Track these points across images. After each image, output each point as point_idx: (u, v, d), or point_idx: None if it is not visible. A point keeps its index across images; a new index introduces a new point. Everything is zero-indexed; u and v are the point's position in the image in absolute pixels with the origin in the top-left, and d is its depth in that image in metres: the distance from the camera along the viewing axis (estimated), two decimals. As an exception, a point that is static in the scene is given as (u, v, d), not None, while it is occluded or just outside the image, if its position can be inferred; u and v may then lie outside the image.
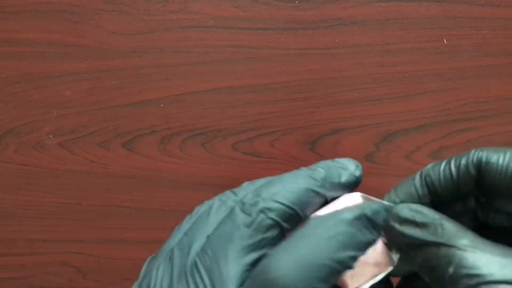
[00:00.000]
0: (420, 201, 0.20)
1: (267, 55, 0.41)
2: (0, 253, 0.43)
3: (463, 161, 0.20)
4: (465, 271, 0.16)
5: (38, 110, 0.42)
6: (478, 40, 0.41)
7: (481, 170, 0.20)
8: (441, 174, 0.20)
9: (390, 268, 0.21)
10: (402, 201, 0.21)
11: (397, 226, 0.19)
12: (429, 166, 0.21)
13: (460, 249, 0.17)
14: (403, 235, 0.18)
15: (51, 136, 0.42)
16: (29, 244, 0.43)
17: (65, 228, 0.43)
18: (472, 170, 0.20)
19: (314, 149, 0.42)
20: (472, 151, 0.20)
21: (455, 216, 0.20)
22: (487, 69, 0.41)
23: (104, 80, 0.41)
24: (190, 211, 0.25)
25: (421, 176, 0.21)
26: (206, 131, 0.42)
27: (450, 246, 0.17)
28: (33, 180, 0.42)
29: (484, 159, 0.19)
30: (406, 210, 0.19)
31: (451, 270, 0.17)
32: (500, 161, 0.19)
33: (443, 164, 0.20)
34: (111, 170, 0.42)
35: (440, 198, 0.20)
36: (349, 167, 0.21)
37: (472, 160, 0.20)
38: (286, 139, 0.42)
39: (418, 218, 0.18)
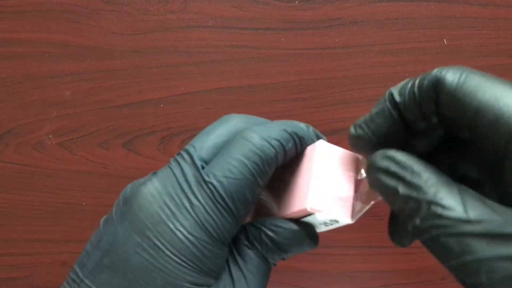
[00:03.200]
0: (394, 121, 0.20)
1: (267, 55, 0.41)
2: (0, 253, 0.43)
3: (425, 82, 0.19)
4: (429, 223, 0.17)
5: (38, 110, 0.42)
6: (478, 40, 0.41)
7: (437, 90, 0.19)
8: (406, 96, 0.20)
9: (379, 198, 0.21)
10: (376, 129, 0.21)
11: (375, 175, 0.19)
12: (397, 86, 0.21)
13: (428, 202, 0.17)
14: (380, 184, 0.19)
15: (51, 136, 0.42)
16: (29, 244, 0.43)
17: (65, 228, 0.43)
18: (431, 91, 0.19)
19: (314, 149, 0.42)
20: (434, 70, 0.19)
21: (423, 135, 0.21)
22: (487, 69, 0.41)
23: (104, 80, 0.41)
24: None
25: (390, 100, 0.21)
26: (206, 131, 0.42)
27: (418, 199, 0.17)
28: (33, 180, 0.42)
29: (440, 79, 0.19)
30: (381, 159, 0.19)
31: (417, 221, 0.17)
32: (455, 80, 0.19)
33: (409, 85, 0.20)
34: (111, 170, 0.42)
35: (409, 119, 0.20)
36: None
37: (430, 80, 0.19)
38: (286, 139, 0.42)
39: (393, 168, 0.19)
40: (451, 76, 0.19)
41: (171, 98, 0.41)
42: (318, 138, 0.24)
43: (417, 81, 0.19)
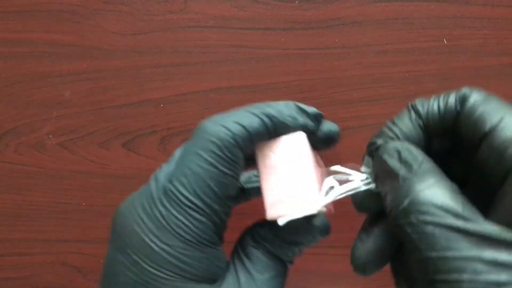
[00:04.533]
0: (417, 136, 0.22)
1: (267, 55, 0.41)
2: (0, 253, 0.43)
3: (452, 96, 0.21)
4: (417, 207, 0.17)
5: (38, 110, 0.42)
6: (478, 40, 0.41)
7: (461, 107, 0.20)
8: (429, 106, 0.22)
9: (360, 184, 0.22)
10: (398, 131, 0.22)
11: (384, 155, 0.20)
12: (419, 100, 0.22)
13: (421, 188, 0.18)
14: (384, 162, 0.20)
15: (51, 136, 0.42)
16: (29, 244, 0.43)
17: (65, 228, 0.43)
18: (456, 105, 0.21)
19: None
20: (464, 88, 0.21)
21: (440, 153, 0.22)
22: (487, 69, 0.41)
23: (104, 80, 0.41)
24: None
25: (411, 109, 0.22)
26: (206, 131, 0.42)
27: (414, 181, 0.18)
28: (33, 180, 0.42)
29: (466, 95, 0.20)
30: (398, 144, 0.20)
31: (406, 202, 0.17)
32: (476, 102, 0.20)
33: (433, 98, 0.22)
34: (111, 170, 0.42)
35: (429, 132, 0.21)
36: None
37: (459, 95, 0.21)
38: (286, 139, 0.41)
39: (404, 154, 0.19)
40: (476, 95, 0.20)
41: (171, 98, 0.41)
42: (304, 113, 0.23)
43: (441, 96, 0.21)
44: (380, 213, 0.21)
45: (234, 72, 0.41)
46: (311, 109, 0.24)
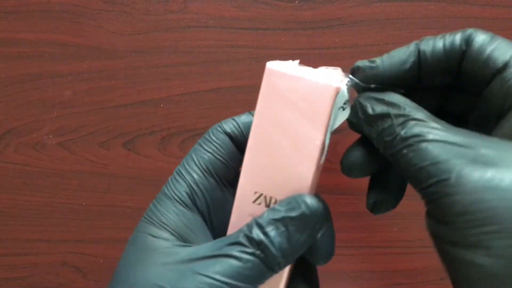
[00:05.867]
0: (408, 69, 0.23)
1: (267, 55, 0.41)
2: (0, 253, 0.43)
3: (457, 36, 0.22)
4: (415, 131, 0.20)
5: (38, 110, 0.42)
6: (478, 40, 0.41)
7: (468, 43, 0.22)
8: (435, 44, 0.23)
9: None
10: (391, 66, 0.23)
11: (367, 106, 0.22)
12: (426, 37, 0.23)
13: (415, 119, 0.20)
14: (371, 110, 0.22)
15: (51, 136, 0.42)
16: (29, 244, 0.43)
17: (65, 228, 0.43)
18: (461, 44, 0.22)
19: (314, 149, 0.42)
20: (469, 29, 0.22)
21: (422, 94, 0.23)
22: (487, 69, 0.41)
23: (104, 80, 0.41)
24: (190, 211, 0.25)
25: (416, 44, 0.23)
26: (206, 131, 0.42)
27: (407, 116, 0.20)
28: (33, 180, 0.42)
29: (472, 36, 0.22)
30: (379, 93, 0.22)
31: (403, 132, 0.20)
32: (484, 41, 0.21)
33: (439, 36, 0.23)
34: (111, 170, 0.42)
35: (426, 69, 0.23)
36: None
37: (464, 34, 0.22)
38: (286, 139, 0.41)
39: (388, 98, 0.22)
40: (483, 34, 0.22)
41: (171, 98, 0.41)
42: None
43: (447, 35, 0.22)
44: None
45: (234, 72, 0.41)
46: None
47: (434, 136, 0.19)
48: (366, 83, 0.23)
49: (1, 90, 0.42)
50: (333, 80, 0.22)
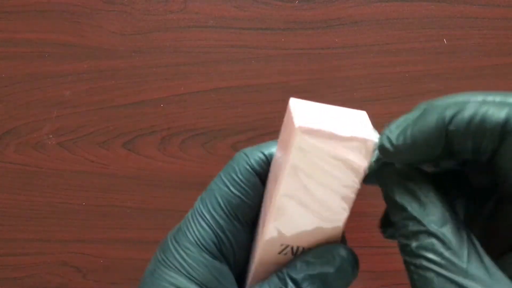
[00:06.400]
0: (436, 156, 0.18)
1: (267, 55, 0.41)
2: (0, 253, 0.43)
3: (490, 122, 0.17)
4: (426, 253, 0.17)
5: (38, 110, 0.42)
6: (478, 40, 0.41)
7: (503, 137, 0.17)
8: (463, 130, 0.17)
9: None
10: (416, 152, 0.19)
11: (392, 185, 0.19)
12: (454, 111, 0.18)
13: (431, 234, 0.17)
14: (392, 194, 0.19)
15: (51, 136, 0.42)
16: (29, 244, 0.43)
17: (65, 228, 0.43)
18: (495, 136, 0.17)
19: (314, 149, 0.42)
20: (499, 113, 0.17)
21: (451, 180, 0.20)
22: (487, 69, 0.41)
23: (104, 80, 0.41)
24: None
25: (443, 122, 0.18)
26: (206, 131, 0.42)
27: (423, 225, 0.17)
28: (33, 180, 0.42)
29: (509, 126, 0.17)
30: (401, 173, 0.19)
31: (414, 244, 0.17)
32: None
33: (465, 118, 0.17)
34: (111, 170, 0.42)
35: (455, 149, 0.18)
36: None
37: (498, 123, 0.17)
38: (286, 139, 0.41)
39: (411, 186, 0.18)
40: None
41: (171, 98, 0.41)
42: None
43: (478, 119, 0.17)
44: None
45: (234, 72, 0.41)
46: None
47: (444, 272, 0.16)
48: (389, 160, 0.20)
49: (1, 90, 0.42)
50: (368, 133, 0.20)
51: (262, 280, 0.22)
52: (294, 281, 0.20)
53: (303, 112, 0.20)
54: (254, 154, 0.24)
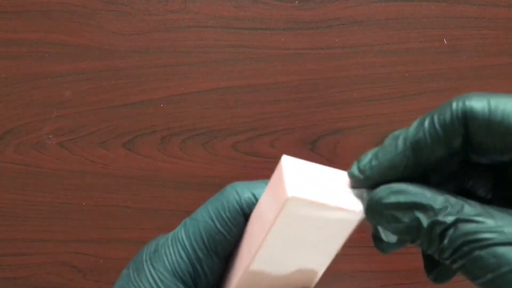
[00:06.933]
0: (402, 171, 0.19)
1: (267, 55, 0.41)
2: (0, 253, 0.43)
3: (449, 117, 0.18)
4: (460, 241, 0.16)
5: (38, 110, 0.42)
6: (478, 40, 0.41)
7: (467, 124, 0.18)
8: (427, 136, 0.18)
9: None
10: (383, 175, 0.19)
11: (385, 214, 0.18)
12: (412, 129, 0.18)
13: (455, 221, 0.17)
14: (395, 222, 0.18)
15: (51, 136, 0.42)
16: (29, 244, 0.43)
17: (65, 228, 0.43)
18: (459, 125, 0.18)
19: (314, 149, 0.42)
20: (454, 104, 0.18)
21: (440, 182, 0.20)
22: (487, 69, 0.41)
23: (104, 80, 0.41)
24: (190, 211, 0.25)
25: (405, 142, 0.18)
26: (206, 131, 0.42)
27: (443, 221, 0.17)
28: (33, 180, 0.42)
29: (468, 110, 0.17)
30: (387, 194, 0.18)
31: (446, 242, 0.17)
32: (485, 108, 0.17)
33: (426, 124, 0.18)
34: (111, 170, 0.42)
35: (428, 163, 0.18)
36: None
37: (456, 114, 0.18)
38: (286, 139, 0.42)
39: (403, 199, 0.18)
40: (479, 104, 0.17)
41: (171, 98, 0.41)
42: None
43: (435, 119, 0.18)
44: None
45: (234, 72, 0.41)
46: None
47: (488, 241, 0.16)
48: (367, 187, 0.20)
49: (1, 90, 0.42)
50: (357, 204, 0.20)
51: None
52: None
53: (294, 176, 0.20)
54: (244, 194, 0.23)
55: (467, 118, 0.17)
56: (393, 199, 0.18)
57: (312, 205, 0.19)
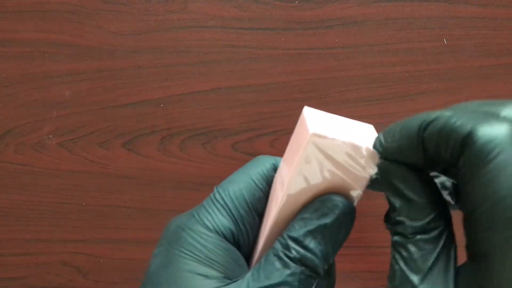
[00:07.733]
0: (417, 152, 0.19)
1: (267, 55, 0.41)
2: (0, 253, 0.43)
3: (452, 139, 0.17)
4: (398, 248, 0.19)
5: (38, 110, 0.42)
6: (478, 40, 0.41)
7: (464, 150, 0.17)
8: (434, 146, 0.18)
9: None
10: (398, 152, 0.20)
11: (390, 181, 0.20)
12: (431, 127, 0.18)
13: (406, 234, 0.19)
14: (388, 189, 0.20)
15: (51, 136, 0.42)
16: (29, 244, 0.43)
17: (65, 228, 0.43)
18: (458, 149, 0.17)
19: (314, 149, 0.42)
20: (460, 127, 0.17)
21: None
22: (487, 69, 0.41)
23: (104, 80, 0.41)
24: (190, 211, 0.25)
25: (418, 135, 0.18)
26: (206, 131, 0.42)
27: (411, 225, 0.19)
28: (33, 180, 0.42)
29: (469, 142, 0.17)
30: (397, 172, 0.20)
31: (394, 238, 0.19)
32: (486, 153, 0.16)
33: (436, 131, 0.18)
34: (111, 170, 0.42)
35: (432, 157, 0.19)
36: None
37: (458, 139, 0.17)
38: (286, 139, 0.41)
39: (401, 186, 0.19)
40: (483, 147, 0.16)
41: (171, 98, 0.41)
42: None
43: (447, 129, 0.17)
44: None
45: (234, 72, 0.41)
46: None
47: (406, 271, 0.18)
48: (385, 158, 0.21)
49: (1, 90, 0.42)
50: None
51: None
52: (295, 240, 0.21)
53: (316, 120, 0.21)
54: (276, 161, 0.25)
55: (466, 146, 0.17)
56: (395, 179, 0.20)
57: (333, 143, 0.20)
